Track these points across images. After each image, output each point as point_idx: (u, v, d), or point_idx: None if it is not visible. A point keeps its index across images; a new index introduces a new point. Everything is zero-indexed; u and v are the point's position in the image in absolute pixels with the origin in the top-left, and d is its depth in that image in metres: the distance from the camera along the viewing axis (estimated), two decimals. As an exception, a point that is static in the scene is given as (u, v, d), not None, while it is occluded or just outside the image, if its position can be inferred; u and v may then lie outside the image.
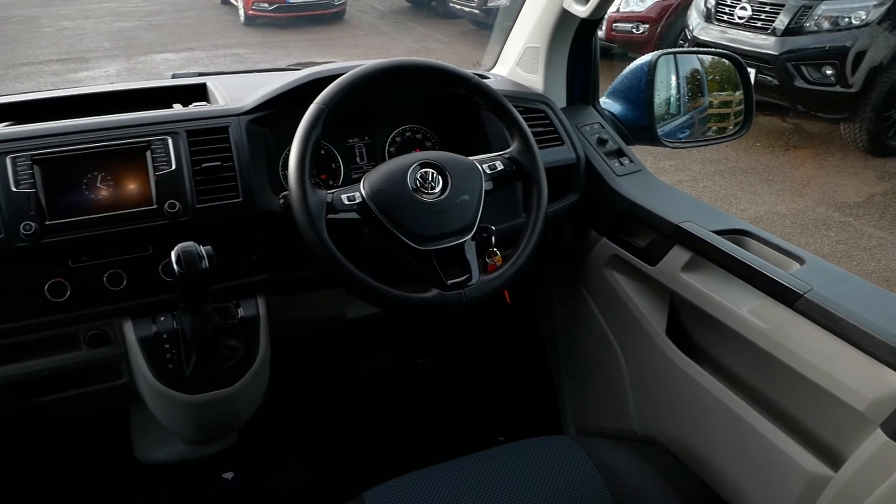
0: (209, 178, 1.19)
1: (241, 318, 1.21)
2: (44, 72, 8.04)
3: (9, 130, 1.21)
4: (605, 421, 1.62)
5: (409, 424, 1.98)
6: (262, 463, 1.80)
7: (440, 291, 1.12)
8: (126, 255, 1.16)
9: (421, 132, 1.47)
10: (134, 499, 1.72)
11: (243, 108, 1.27)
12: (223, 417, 1.30)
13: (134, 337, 1.17)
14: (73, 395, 1.31)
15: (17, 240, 1.10)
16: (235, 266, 1.22)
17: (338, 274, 1.08)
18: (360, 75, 1.15)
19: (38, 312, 1.13)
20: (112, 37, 9.93)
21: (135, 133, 1.19)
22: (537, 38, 1.54)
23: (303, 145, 1.10)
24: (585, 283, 1.57)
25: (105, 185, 1.16)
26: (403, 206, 1.13)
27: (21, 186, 1.11)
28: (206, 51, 9.00)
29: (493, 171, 1.22)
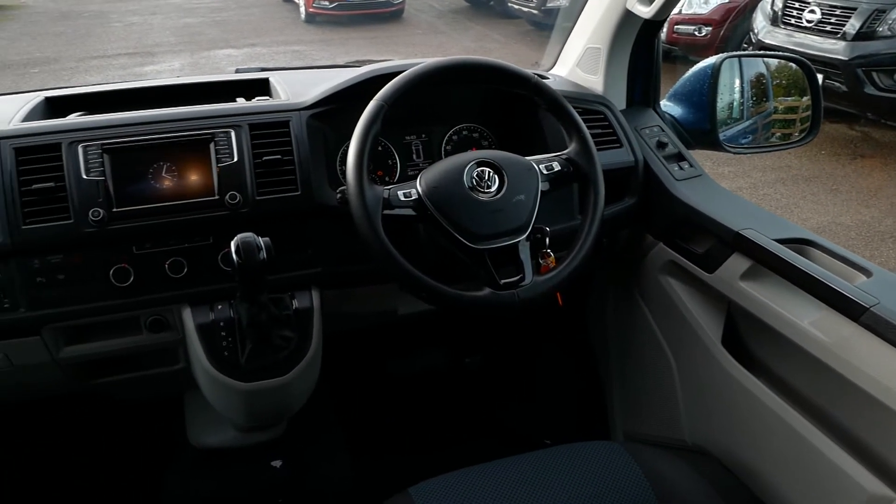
0: (269, 171, 1.22)
1: (295, 310, 1.23)
2: (112, 65, 8.32)
3: (81, 120, 1.25)
4: (655, 429, 1.59)
5: (455, 422, 1.98)
6: (310, 453, 1.83)
7: (493, 291, 1.11)
8: (187, 244, 1.20)
9: (478, 131, 1.47)
10: (186, 481, 1.77)
11: (304, 103, 1.29)
12: (275, 406, 1.32)
13: (192, 324, 1.20)
14: (132, 377, 1.35)
15: (86, 225, 1.14)
16: (292, 258, 1.24)
17: (392, 270, 1.09)
18: (420, 73, 1.16)
19: (104, 296, 1.17)
20: (177, 32, 10.21)
21: (199, 125, 1.22)
22: (598, 38, 1.52)
23: (362, 141, 1.11)
24: (640, 288, 1.55)
25: (169, 176, 1.19)
26: (459, 204, 1.13)
27: (91, 174, 1.15)
28: (267, 47, 9.18)
29: (549, 172, 1.21)
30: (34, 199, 1.13)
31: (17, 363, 1.22)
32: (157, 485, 1.76)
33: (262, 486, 1.78)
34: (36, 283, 1.14)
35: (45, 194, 1.13)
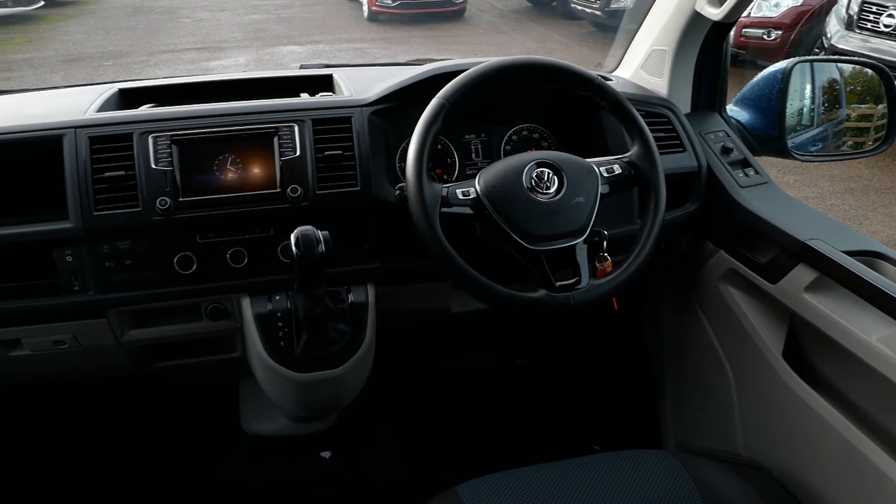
0: (330, 166, 1.24)
1: (350, 304, 1.25)
2: (181, 59, 8.56)
3: (152, 112, 1.30)
4: (708, 440, 1.56)
5: (503, 422, 1.98)
6: (359, 446, 1.85)
7: (548, 292, 1.11)
8: (248, 235, 1.22)
9: (538, 131, 1.46)
10: (238, 466, 1.81)
11: (366, 100, 1.31)
12: (327, 397, 1.34)
13: (250, 313, 1.23)
14: (190, 363, 1.39)
15: (153, 213, 1.17)
16: (349, 252, 1.25)
17: (448, 267, 1.09)
18: (482, 72, 1.16)
19: (167, 283, 1.21)
20: (244, 28, 10.44)
21: (264, 119, 1.25)
22: (665, 40, 1.49)
23: (422, 138, 1.12)
24: (698, 295, 1.52)
25: (234, 168, 1.22)
26: (517, 205, 1.13)
27: (160, 164, 1.19)
28: (330, 44, 9.31)
29: (610, 175, 1.20)
30: (106, 187, 1.17)
31: (84, 344, 1.27)
32: (209, 468, 1.81)
33: (311, 476, 1.81)
34: (104, 268, 1.19)
35: (116, 182, 1.18)
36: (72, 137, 1.19)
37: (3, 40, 9.54)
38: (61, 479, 1.78)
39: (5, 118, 1.32)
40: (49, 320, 1.22)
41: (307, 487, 1.78)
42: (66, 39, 9.71)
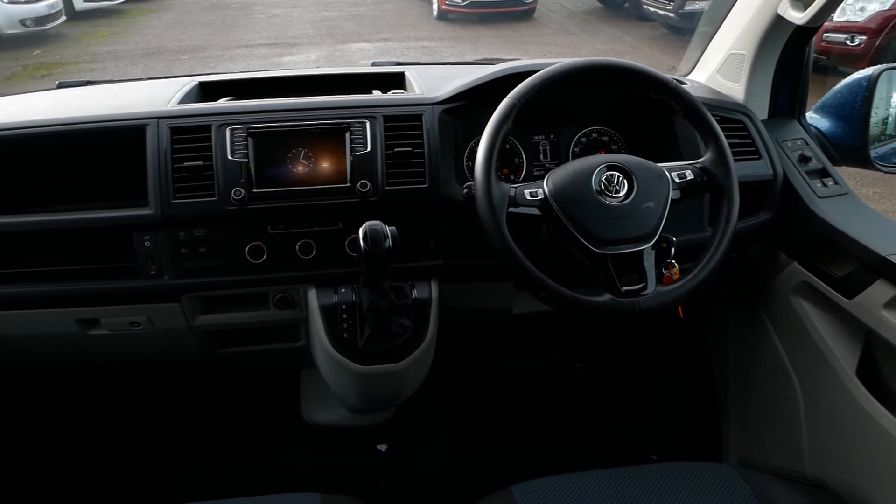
0: (399, 163, 1.25)
1: (414, 299, 1.26)
2: (254, 55, 8.78)
3: (230, 104, 1.34)
4: (772, 457, 1.51)
5: (559, 426, 1.97)
6: (415, 440, 1.86)
7: (613, 297, 1.10)
8: (317, 228, 1.25)
9: (608, 134, 1.44)
10: (295, 454, 1.85)
11: (438, 98, 1.31)
12: (387, 390, 1.36)
13: (316, 304, 1.26)
14: (256, 350, 1.43)
15: (228, 203, 1.21)
16: (414, 249, 1.26)
17: (513, 267, 1.09)
18: (556, 73, 1.15)
19: (238, 271, 1.24)
20: (316, 25, 10.63)
21: (338, 115, 1.27)
22: (743, 44, 1.46)
23: (492, 138, 1.12)
24: (767, 308, 1.47)
25: (306, 161, 1.25)
26: (585, 207, 1.12)
27: (236, 156, 1.23)
28: (399, 42, 9.40)
29: (682, 180, 1.17)
30: (184, 176, 1.22)
31: (158, 326, 1.32)
32: (267, 453, 1.86)
33: (366, 467, 1.83)
34: (180, 254, 1.23)
35: (194, 172, 1.22)
36: (154, 127, 1.24)
37: (89, 33, 9.97)
38: (126, 453, 1.85)
39: (94, 107, 1.38)
40: (126, 302, 1.27)
41: (362, 478, 1.81)
42: (147, 33, 10.08)
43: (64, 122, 1.28)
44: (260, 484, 1.80)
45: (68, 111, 1.37)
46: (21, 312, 1.27)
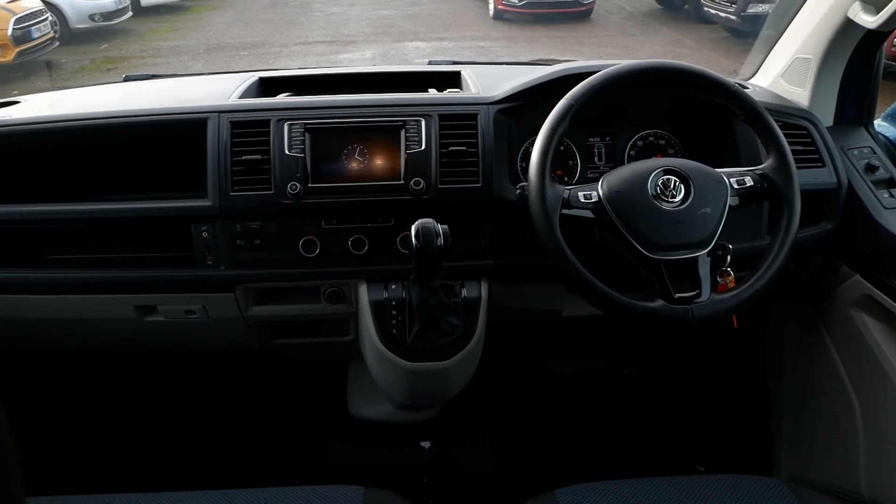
0: (453, 161, 1.25)
1: (463, 298, 1.26)
2: (311, 51, 8.90)
3: (289, 100, 1.36)
4: (826, 474, 1.47)
5: (605, 431, 1.94)
6: (459, 439, 1.87)
7: (666, 303, 1.08)
8: (370, 224, 1.26)
9: (665, 138, 1.42)
10: (339, 446, 1.87)
11: (494, 98, 1.31)
12: (433, 388, 1.37)
13: (366, 299, 1.27)
14: (306, 342, 1.45)
15: (284, 197, 1.23)
16: (465, 247, 1.27)
17: (564, 269, 1.08)
18: (614, 74, 1.14)
19: (292, 264, 1.26)
20: (372, 23, 10.73)
21: (394, 112, 1.28)
22: (810, 48, 1.41)
23: (548, 139, 1.11)
24: (826, 321, 1.43)
25: (361, 158, 1.26)
26: (640, 211, 1.10)
27: (293, 150, 1.25)
28: (454, 41, 9.41)
29: (741, 187, 1.15)
30: (242, 169, 1.24)
31: (212, 315, 1.35)
32: (313, 443, 1.88)
33: (409, 464, 1.84)
34: (236, 245, 1.26)
35: (252, 165, 1.24)
36: (215, 121, 1.27)
37: (154, 29, 10.26)
38: (175, 436, 1.90)
39: (158, 100, 1.43)
40: (183, 290, 1.31)
41: (405, 474, 1.82)
42: (208, 29, 10.32)
43: (131, 114, 1.33)
44: (303, 474, 1.83)
45: (135, 103, 1.41)
46: (84, 297, 1.31)
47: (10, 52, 7.15)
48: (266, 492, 1.02)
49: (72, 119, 1.34)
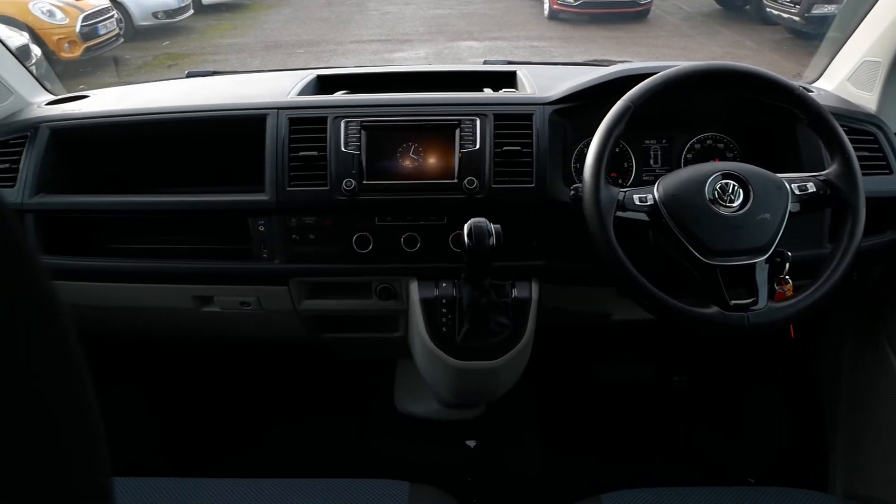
0: (507, 161, 1.25)
1: (514, 298, 1.26)
2: (366, 50, 8.99)
3: (346, 98, 1.38)
4: (883, 491, 1.42)
5: (653, 438, 1.92)
6: (504, 439, 1.86)
7: (720, 310, 1.06)
8: (423, 222, 1.27)
9: (723, 141, 1.39)
10: (385, 441, 1.89)
11: (550, 98, 1.31)
12: (480, 387, 1.37)
13: (417, 296, 1.28)
14: (356, 337, 1.47)
15: (339, 193, 1.25)
16: (517, 248, 1.26)
17: (617, 272, 1.07)
18: (673, 76, 1.12)
19: (345, 259, 1.28)
20: (427, 23, 10.77)
21: (449, 111, 1.29)
22: (880, 51, 1.37)
23: (604, 140, 1.10)
24: (889, 334, 1.38)
25: (415, 156, 1.27)
26: (697, 216, 1.08)
27: (349, 147, 1.26)
28: (508, 41, 9.38)
29: (802, 193, 1.12)
30: (299, 165, 1.27)
31: (266, 308, 1.38)
32: (360, 437, 1.90)
33: (454, 462, 1.85)
34: (291, 239, 1.28)
35: (308, 161, 1.26)
36: (274, 117, 1.29)
37: (214, 26, 10.50)
38: (225, 424, 1.94)
39: (220, 96, 1.46)
40: (238, 282, 1.34)
41: (449, 472, 1.82)
42: (266, 28, 10.51)
43: (194, 110, 1.37)
44: (350, 467, 1.85)
45: (197, 99, 1.45)
46: (145, 286, 1.36)
47: (77, 48, 7.42)
48: (313, 482, 1.03)
49: (138, 113, 1.39)
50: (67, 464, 0.39)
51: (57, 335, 0.39)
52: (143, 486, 0.97)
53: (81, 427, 0.41)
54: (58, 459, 0.38)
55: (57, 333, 0.39)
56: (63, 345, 0.40)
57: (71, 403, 0.40)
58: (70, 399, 0.39)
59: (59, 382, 0.39)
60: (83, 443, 0.41)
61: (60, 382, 0.39)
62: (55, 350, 0.39)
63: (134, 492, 0.95)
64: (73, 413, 0.40)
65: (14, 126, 1.40)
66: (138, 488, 0.96)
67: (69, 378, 0.40)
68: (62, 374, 0.39)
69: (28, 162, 1.35)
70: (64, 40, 7.34)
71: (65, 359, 0.40)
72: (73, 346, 0.40)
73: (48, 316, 0.39)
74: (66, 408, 0.39)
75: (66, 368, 0.40)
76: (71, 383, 0.40)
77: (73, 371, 0.40)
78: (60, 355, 0.40)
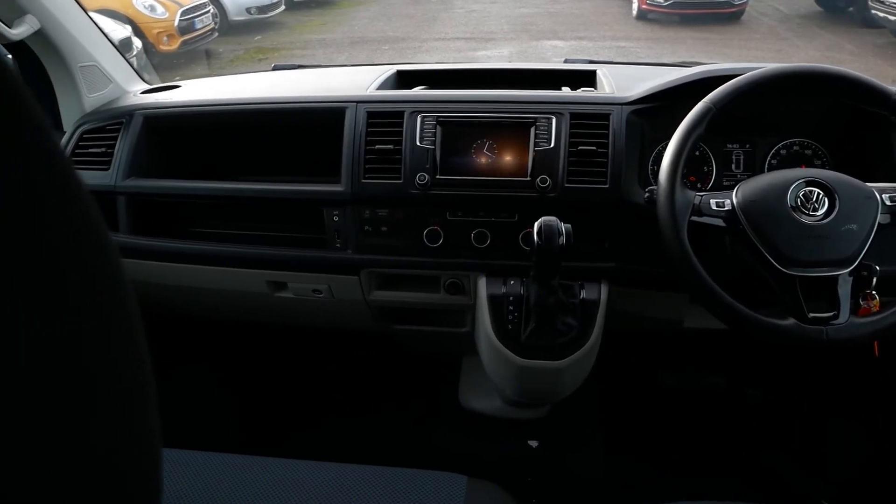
0: (582, 161, 1.24)
1: (582, 300, 1.25)
2: (450, 48, 9.04)
3: (423, 93, 1.40)
4: None
5: (721, 451, 1.86)
6: (567, 442, 1.85)
7: (798, 322, 1.02)
8: (494, 218, 1.27)
9: (811, 148, 1.34)
10: (447, 435, 1.90)
11: (628, 98, 1.29)
12: (544, 387, 1.36)
13: (485, 293, 1.28)
14: (423, 330, 1.49)
15: (412, 187, 1.27)
16: (587, 248, 1.25)
17: (689, 278, 1.05)
18: (757, 78, 1.09)
19: (415, 252, 1.30)
20: (512, 21, 10.73)
21: (525, 109, 1.29)
22: None
23: (682, 142, 1.08)
24: None
25: (489, 153, 1.28)
26: (777, 223, 1.05)
27: (424, 142, 1.28)
28: (594, 41, 9.24)
29: (894, 204, 1.06)
30: (374, 158, 1.29)
31: (337, 296, 1.42)
32: (422, 428, 1.92)
33: (515, 461, 1.84)
34: (363, 230, 1.31)
35: (383, 154, 1.29)
36: (353, 110, 1.32)
37: (304, 22, 10.79)
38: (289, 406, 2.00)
39: (303, 89, 1.51)
40: (312, 270, 1.38)
41: (509, 471, 1.82)
42: (354, 24, 10.72)
43: (277, 101, 1.41)
44: (409, 457, 1.87)
45: (281, 91, 1.50)
46: (223, 269, 1.41)
47: (175, 42, 7.79)
48: (371, 469, 1.05)
49: (224, 103, 1.45)
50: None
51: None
52: (207, 460, 1.01)
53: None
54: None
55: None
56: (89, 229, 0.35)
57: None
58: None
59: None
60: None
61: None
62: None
63: (199, 465, 0.99)
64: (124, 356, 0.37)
65: (111, 113, 1.49)
66: (203, 462, 1.00)
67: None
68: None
69: (122, 147, 1.43)
70: (163, 34, 7.71)
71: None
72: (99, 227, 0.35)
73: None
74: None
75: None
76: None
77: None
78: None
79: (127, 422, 0.38)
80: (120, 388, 0.37)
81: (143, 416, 0.39)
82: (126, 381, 0.38)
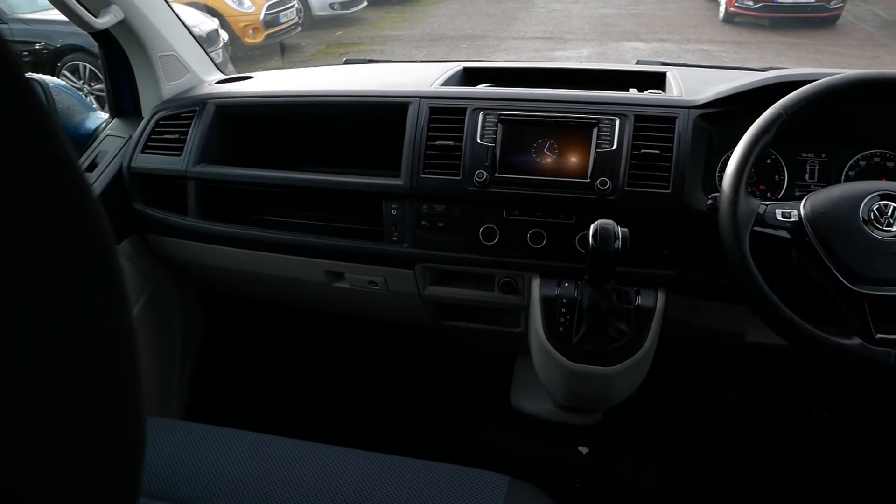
0: (644, 164, 1.21)
1: (636, 306, 1.22)
2: (527, 47, 8.99)
3: (485, 90, 1.39)
4: None
5: (783, 476, 1.78)
6: (618, 451, 1.81)
7: (863, 342, 0.97)
8: (550, 219, 1.26)
9: (894, 160, 1.26)
10: (497, 434, 1.89)
11: (696, 102, 1.25)
12: (594, 393, 1.34)
13: (538, 293, 1.27)
14: (476, 328, 1.48)
15: (470, 184, 1.27)
16: (646, 254, 1.22)
17: (750, 291, 1.01)
18: (833, 84, 1.03)
19: (471, 249, 1.30)
20: (592, 22, 10.58)
21: (588, 109, 1.26)
22: None
23: (748, 149, 1.04)
24: None
25: (549, 152, 1.26)
26: (847, 238, 1.00)
27: (484, 140, 1.28)
28: (676, 44, 9.01)
29: None
30: (435, 153, 1.30)
31: (392, 289, 1.43)
32: (471, 425, 1.92)
33: (564, 466, 1.82)
34: (420, 225, 1.32)
35: (444, 150, 1.29)
36: (416, 105, 1.33)
37: (385, 18, 10.93)
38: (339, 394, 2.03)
39: (370, 83, 1.53)
40: (368, 262, 1.39)
41: (557, 475, 1.80)
42: (433, 21, 10.79)
43: (343, 94, 1.44)
44: (456, 454, 1.87)
45: (348, 85, 1.53)
46: (284, 256, 1.45)
47: (259, 35, 8.03)
48: (414, 462, 1.06)
49: (293, 95, 1.48)
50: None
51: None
52: (258, 441, 1.03)
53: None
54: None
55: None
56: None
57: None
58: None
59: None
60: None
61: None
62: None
63: (244, 445, 1.01)
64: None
65: (186, 101, 1.55)
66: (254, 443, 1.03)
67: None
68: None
69: (194, 134, 1.48)
70: (249, 27, 7.97)
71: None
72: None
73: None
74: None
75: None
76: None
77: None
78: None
79: (120, 422, 0.39)
80: (118, 387, 0.38)
81: (134, 417, 0.40)
82: (123, 381, 0.39)
